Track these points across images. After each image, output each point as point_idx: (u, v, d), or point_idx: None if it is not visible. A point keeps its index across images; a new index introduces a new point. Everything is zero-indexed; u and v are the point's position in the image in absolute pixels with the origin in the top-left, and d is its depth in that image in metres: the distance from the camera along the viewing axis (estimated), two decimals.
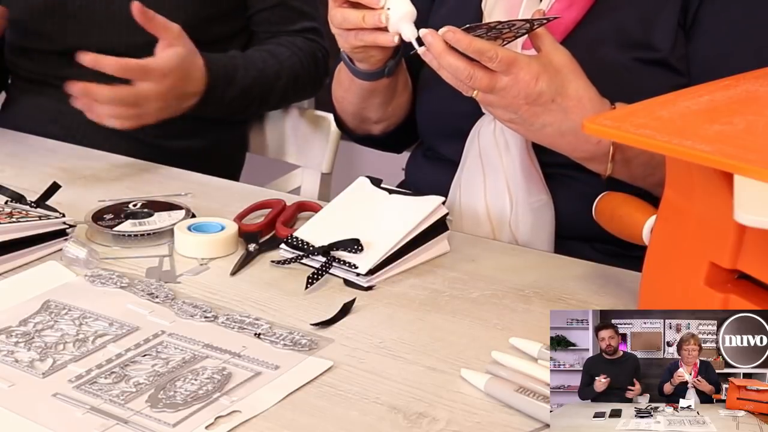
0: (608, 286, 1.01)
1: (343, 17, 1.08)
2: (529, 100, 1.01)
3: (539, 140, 1.07)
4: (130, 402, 0.79)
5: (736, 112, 0.80)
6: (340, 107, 1.34)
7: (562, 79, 1.02)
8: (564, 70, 1.03)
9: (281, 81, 1.57)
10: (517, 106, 1.02)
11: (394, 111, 1.33)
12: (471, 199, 1.19)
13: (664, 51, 1.13)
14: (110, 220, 1.12)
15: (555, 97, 1.02)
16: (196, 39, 1.48)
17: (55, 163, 1.39)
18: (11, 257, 1.04)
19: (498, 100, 1.02)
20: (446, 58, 1.00)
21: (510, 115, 1.04)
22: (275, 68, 1.56)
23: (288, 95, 1.61)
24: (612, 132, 0.78)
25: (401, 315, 0.95)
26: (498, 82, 1.00)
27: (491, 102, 1.03)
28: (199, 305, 0.95)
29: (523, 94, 1.01)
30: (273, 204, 1.19)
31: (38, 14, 1.55)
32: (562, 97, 1.02)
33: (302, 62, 1.60)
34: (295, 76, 1.59)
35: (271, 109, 1.68)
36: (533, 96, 1.01)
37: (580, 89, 1.03)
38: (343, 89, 1.29)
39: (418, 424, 0.77)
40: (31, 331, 0.90)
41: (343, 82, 1.28)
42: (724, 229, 0.76)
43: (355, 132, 1.39)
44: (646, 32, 1.14)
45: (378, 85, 1.23)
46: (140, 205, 1.16)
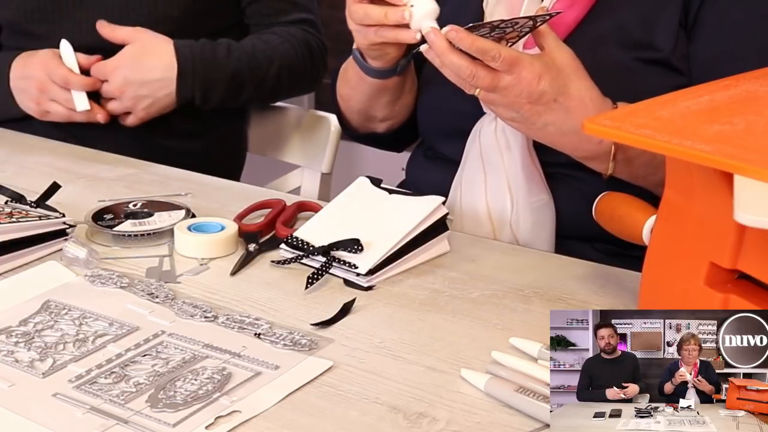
0: (608, 286, 1.01)
1: (365, 13, 1.08)
2: (532, 99, 1.01)
3: (541, 139, 1.07)
4: (130, 402, 0.79)
5: (736, 112, 0.80)
6: (346, 105, 1.35)
7: (564, 78, 1.02)
8: (567, 70, 1.03)
9: (274, 66, 1.58)
10: (519, 105, 1.02)
11: (400, 110, 1.33)
12: (471, 198, 1.19)
13: (665, 51, 1.13)
14: (110, 220, 1.12)
15: (557, 97, 1.02)
16: (191, 33, 1.52)
17: (55, 163, 1.39)
18: (11, 257, 1.04)
19: (500, 99, 1.02)
20: (449, 57, 1.00)
21: (512, 114, 1.04)
22: (266, 53, 1.57)
23: (283, 82, 1.61)
24: (612, 132, 0.78)
25: (401, 315, 0.95)
26: (500, 81, 1.00)
27: (493, 100, 1.03)
28: (199, 305, 0.95)
29: (526, 93, 1.01)
30: (273, 204, 1.19)
31: (31, 16, 1.56)
32: (564, 97, 1.02)
33: (295, 49, 1.61)
34: (288, 62, 1.59)
35: (268, 98, 1.67)
36: (535, 95, 1.01)
37: (582, 89, 1.03)
38: (350, 87, 1.29)
39: (418, 424, 0.77)
40: (31, 331, 0.90)
41: (350, 79, 1.28)
42: (724, 229, 0.76)
43: (358, 130, 1.39)
44: (647, 32, 1.14)
45: (388, 83, 1.24)
46: (140, 205, 1.16)
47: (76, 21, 1.55)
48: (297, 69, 1.61)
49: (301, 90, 1.72)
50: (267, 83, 1.59)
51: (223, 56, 1.54)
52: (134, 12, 1.53)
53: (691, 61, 1.14)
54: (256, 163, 1.84)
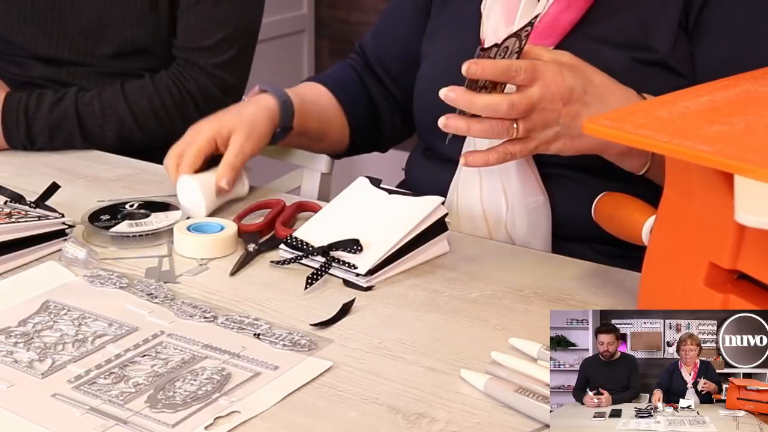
0: (607, 286, 1.01)
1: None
2: (564, 99, 0.98)
3: (589, 149, 1.03)
4: (130, 402, 0.79)
5: (736, 112, 0.80)
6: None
7: (581, 71, 1.01)
8: (578, 64, 1.01)
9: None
10: (557, 113, 0.99)
11: (330, 145, 1.40)
12: (467, 200, 1.19)
13: (663, 53, 1.13)
14: (107, 221, 1.12)
15: (586, 88, 1.00)
16: (164, 53, 1.55)
17: (54, 163, 1.39)
18: (10, 257, 1.04)
19: (539, 117, 0.99)
20: (478, 100, 0.97)
21: (555, 130, 1.00)
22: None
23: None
24: (612, 132, 0.78)
25: (401, 315, 0.95)
26: (532, 95, 0.98)
27: (534, 124, 0.99)
28: (198, 305, 0.95)
29: (558, 96, 0.98)
30: (273, 204, 1.19)
31: (12, 24, 1.58)
32: (592, 87, 1.01)
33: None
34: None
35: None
36: (567, 93, 0.99)
37: (600, 76, 1.02)
38: None
39: (417, 424, 0.77)
40: (31, 332, 0.90)
41: None
42: (724, 229, 0.76)
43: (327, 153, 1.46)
44: (646, 34, 1.14)
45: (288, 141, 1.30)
46: (137, 205, 1.16)
47: (53, 34, 1.57)
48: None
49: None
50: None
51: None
52: (108, 29, 1.54)
53: (696, 64, 1.14)
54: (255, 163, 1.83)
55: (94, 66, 1.56)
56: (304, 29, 3.40)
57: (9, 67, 1.62)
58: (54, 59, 1.57)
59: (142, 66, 1.56)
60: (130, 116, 1.49)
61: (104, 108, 1.47)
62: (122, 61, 1.56)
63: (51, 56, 1.57)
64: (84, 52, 1.56)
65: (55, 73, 1.58)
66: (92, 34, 1.55)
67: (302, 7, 3.40)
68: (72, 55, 1.56)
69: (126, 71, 1.56)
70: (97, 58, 1.56)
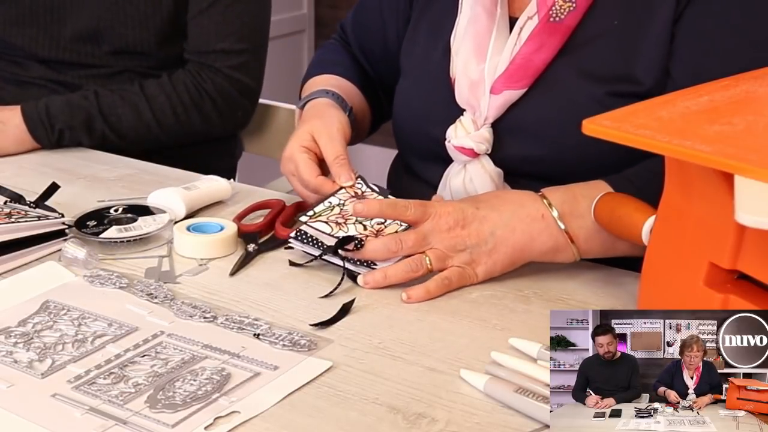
0: (608, 286, 1.01)
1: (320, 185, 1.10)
2: (460, 222, 0.99)
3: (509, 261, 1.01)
4: (129, 402, 0.79)
5: (736, 112, 0.80)
6: None
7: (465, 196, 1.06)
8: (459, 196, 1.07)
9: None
10: (459, 237, 0.99)
11: (365, 133, 1.40)
12: None
13: (647, 85, 1.08)
14: (94, 227, 1.10)
15: (477, 205, 1.01)
16: (162, 56, 1.55)
17: (54, 163, 1.39)
18: (10, 257, 1.04)
19: (442, 244, 0.99)
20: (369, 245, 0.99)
21: (468, 252, 0.99)
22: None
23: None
24: (612, 132, 0.78)
25: (400, 315, 0.95)
26: (424, 227, 0.99)
27: (444, 252, 0.99)
28: (198, 305, 0.95)
29: (452, 222, 0.99)
30: (272, 204, 1.19)
31: (11, 26, 1.58)
32: (481, 201, 1.02)
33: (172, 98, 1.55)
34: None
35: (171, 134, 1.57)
36: (460, 216, 0.99)
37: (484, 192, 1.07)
38: None
39: (417, 424, 0.77)
40: (30, 332, 0.90)
41: None
42: (724, 229, 0.76)
43: None
44: (628, 64, 1.09)
45: None
46: (121, 210, 1.14)
47: (51, 35, 1.57)
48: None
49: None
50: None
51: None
52: (108, 30, 1.54)
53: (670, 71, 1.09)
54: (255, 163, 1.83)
55: (94, 67, 1.57)
56: (304, 29, 3.41)
57: (9, 67, 1.62)
58: (54, 60, 1.58)
59: (142, 67, 1.56)
60: (148, 110, 1.50)
61: (124, 101, 1.49)
62: (122, 62, 1.56)
63: (51, 57, 1.58)
64: (84, 53, 1.57)
65: (55, 73, 1.58)
66: (92, 35, 1.55)
67: (302, 7, 3.40)
68: (72, 56, 1.57)
69: (126, 72, 1.56)
70: (97, 59, 1.56)
